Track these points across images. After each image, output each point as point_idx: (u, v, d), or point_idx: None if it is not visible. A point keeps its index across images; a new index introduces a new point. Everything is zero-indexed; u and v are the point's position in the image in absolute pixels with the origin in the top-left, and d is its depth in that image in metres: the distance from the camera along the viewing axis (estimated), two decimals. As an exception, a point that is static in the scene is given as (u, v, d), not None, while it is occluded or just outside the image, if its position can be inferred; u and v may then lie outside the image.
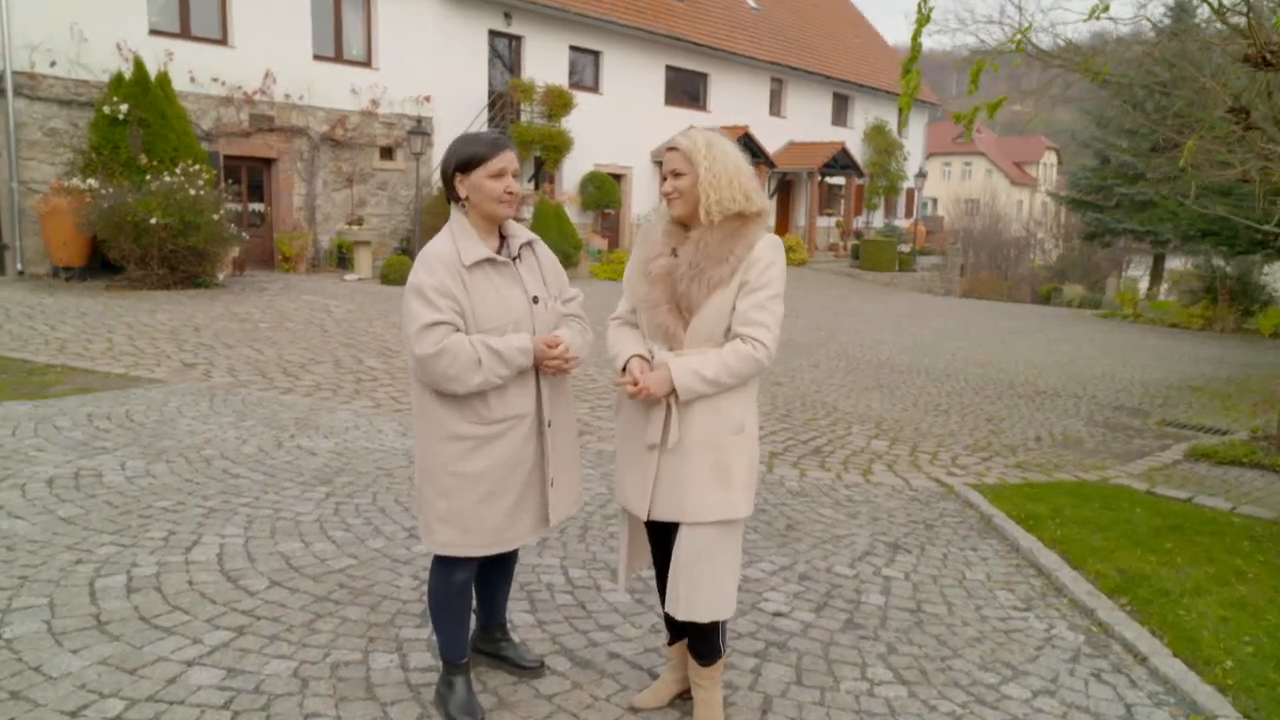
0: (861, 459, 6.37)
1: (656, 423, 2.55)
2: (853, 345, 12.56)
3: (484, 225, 2.55)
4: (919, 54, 5.76)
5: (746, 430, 2.59)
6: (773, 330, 2.51)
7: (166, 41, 13.83)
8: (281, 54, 15.23)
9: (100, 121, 12.56)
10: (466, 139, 2.53)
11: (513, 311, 2.50)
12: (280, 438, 5.69)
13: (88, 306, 10.38)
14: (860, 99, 31.15)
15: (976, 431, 7.56)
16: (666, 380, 2.48)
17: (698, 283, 2.48)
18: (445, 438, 2.48)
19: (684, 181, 2.53)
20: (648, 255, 2.62)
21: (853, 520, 4.95)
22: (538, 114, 19.38)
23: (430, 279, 2.42)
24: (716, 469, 2.54)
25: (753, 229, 2.54)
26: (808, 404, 8.17)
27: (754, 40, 26.14)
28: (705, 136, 2.55)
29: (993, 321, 18.23)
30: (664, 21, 22.59)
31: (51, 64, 12.66)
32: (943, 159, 62.27)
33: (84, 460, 4.91)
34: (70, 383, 6.99)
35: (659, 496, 2.58)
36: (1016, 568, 4.37)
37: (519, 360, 2.45)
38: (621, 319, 2.73)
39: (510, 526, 2.55)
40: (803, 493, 5.42)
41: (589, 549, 4.17)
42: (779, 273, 2.54)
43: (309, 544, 3.94)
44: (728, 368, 2.47)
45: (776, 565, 4.16)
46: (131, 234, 11.59)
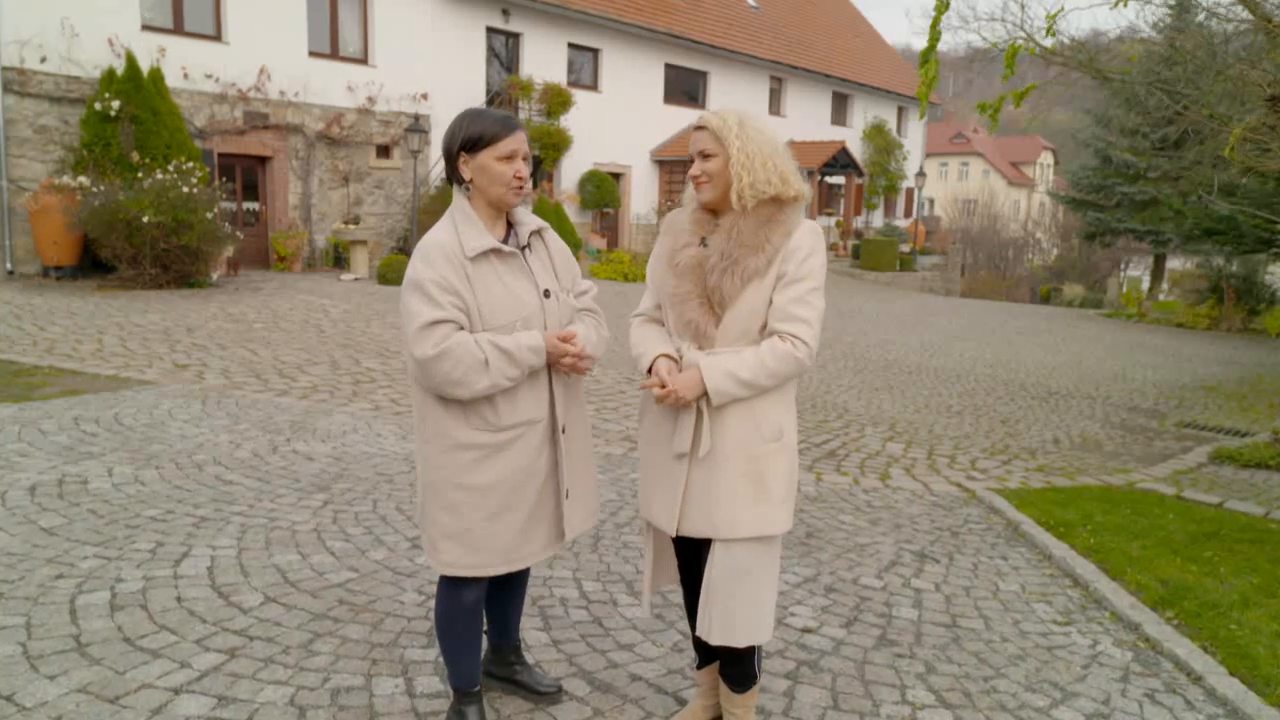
0: (878, 462, 6.16)
1: (686, 430, 2.33)
2: (859, 345, 12.35)
3: (489, 212, 2.32)
4: (938, 41, 5.56)
5: (785, 437, 2.37)
6: (814, 327, 2.29)
7: (159, 37, 13.58)
8: (276, 50, 14.98)
9: (91, 118, 12.31)
10: (474, 115, 2.30)
11: (522, 307, 2.27)
12: (275, 442, 5.46)
13: (78, 306, 10.14)
14: (859, 98, 30.97)
15: (993, 434, 7.35)
16: (697, 382, 2.25)
17: (730, 274, 2.26)
18: (450, 447, 2.26)
19: (713, 164, 2.30)
20: (675, 245, 2.39)
21: (875, 527, 4.73)
22: (536, 112, 19.15)
23: (430, 272, 2.19)
24: (753, 480, 2.32)
25: (790, 215, 2.32)
26: (818, 405, 7.95)
27: (753, 39, 25.94)
28: (737, 113, 2.33)
29: (998, 321, 18.04)
30: (663, 19, 22.37)
31: (42, 60, 12.40)
32: (940, 159, 62.16)
33: (69, 466, 4.68)
34: (58, 384, 6.75)
35: (689, 510, 2.36)
36: (1051, 578, 4.16)
37: (530, 360, 2.22)
38: (645, 316, 2.51)
39: (523, 544, 2.32)
40: (820, 498, 5.20)
41: (602, 560, 3.94)
42: (820, 263, 2.32)
43: (306, 556, 3.71)
44: (765, 368, 2.25)
45: (800, 576, 3.94)
46: (123, 233, 11.35)
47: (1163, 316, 20.16)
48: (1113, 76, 10.39)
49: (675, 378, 2.28)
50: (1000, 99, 5.14)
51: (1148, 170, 26.19)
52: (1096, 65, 9.86)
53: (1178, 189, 24.95)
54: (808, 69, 27.59)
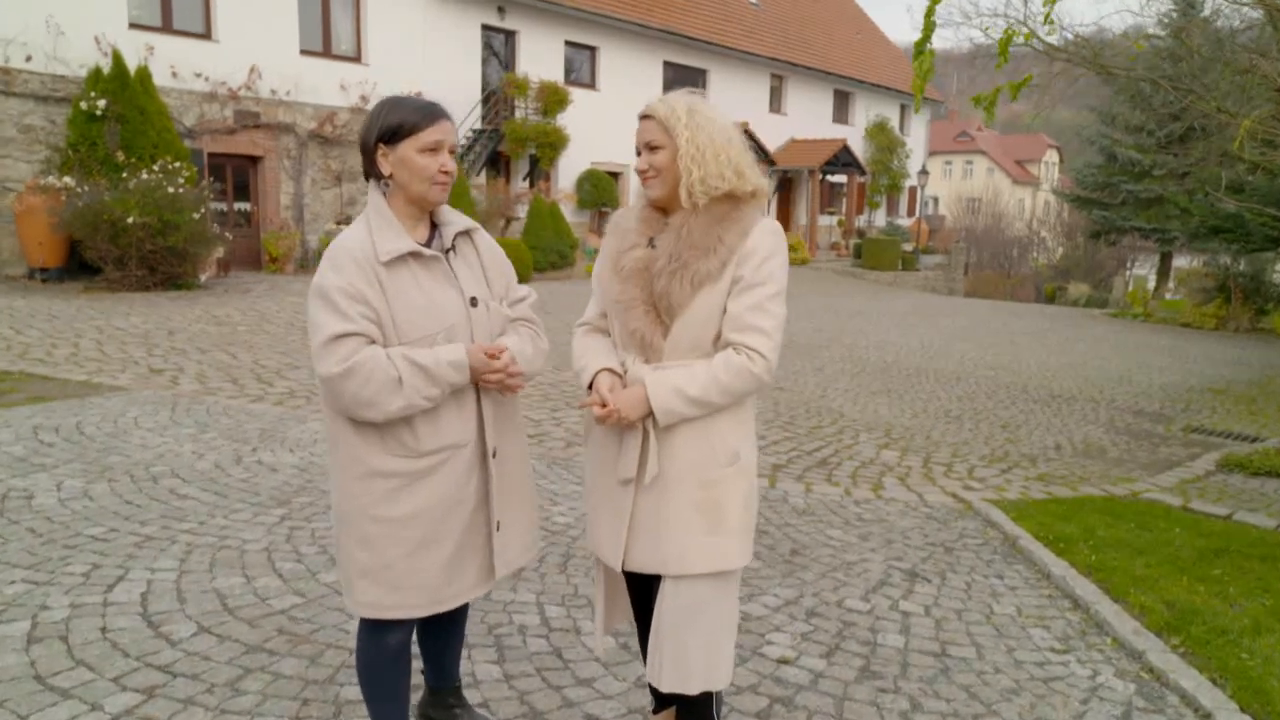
0: (871, 471, 5.91)
1: (631, 453, 2.09)
2: (858, 347, 12.09)
3: (410, 211, 2.09)
4: (933, 31, 5.30)
5: (742, 460, 2.13)
6: (773, 337, 2.04)
7: (147, 35, 13.39)
8: (267, 49, 14.78)
9: (77, 117, 12.12)
10: (394, 102, 2.06)
11: (445, 317, 2.03)
12: (240, 452, 5.23)
13: (59, 309, 9.93)
14: (861, 96, 30.70)
15: (992, 440, 7.09)
16: (641, 400, 2.02)
17: (679, 279, 2.02)
18: (364, 475, 2.02)
19: (661, 156, 2.06)
20: (620, 246, 2.16)
21: (864, 543, 4.49)
22: (532, 110, 18.93)
23: (337, 279, 1.95)
24: (705, 509, 2.08)
25: (746, 213, 2.08)
26: (812, 410, 7.70)
27: (753, 36, 25.69)
28: (686, 101, 2.09)
29: (1000, 321, 17.76)
30: (661, 16, 22.14)
31: (27, 58, 12.22)
32: (944, 157, 61.84)
33: (16, 480, 4.45)
34: (25, 391, 6.54)
35: (636, 542, 2.12)
36: (1049, 599, 3.91)
37: (450, 377, 1.98)
38: (590, 325, 2.27)
39: (450, 581, 2.08)
40: (809, 511, 4.96)
41: (570, 581, 3.70)
42: (779, 266, 2.08)
43: (251, 579, 3.48)
44: (718, 384, 2.01)
45: (781, 599, 3.70)
46: (108, 234, 11.15)
47: (1169, 316, 19.85)
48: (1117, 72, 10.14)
49: (618, 395, 2.05)
50: (995, 91, 4.89)
51: (1153, 167, 25.89)
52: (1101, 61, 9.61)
53: (1184, 186, 24.65)
54: (809, 66, 27.33)
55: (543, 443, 5.99)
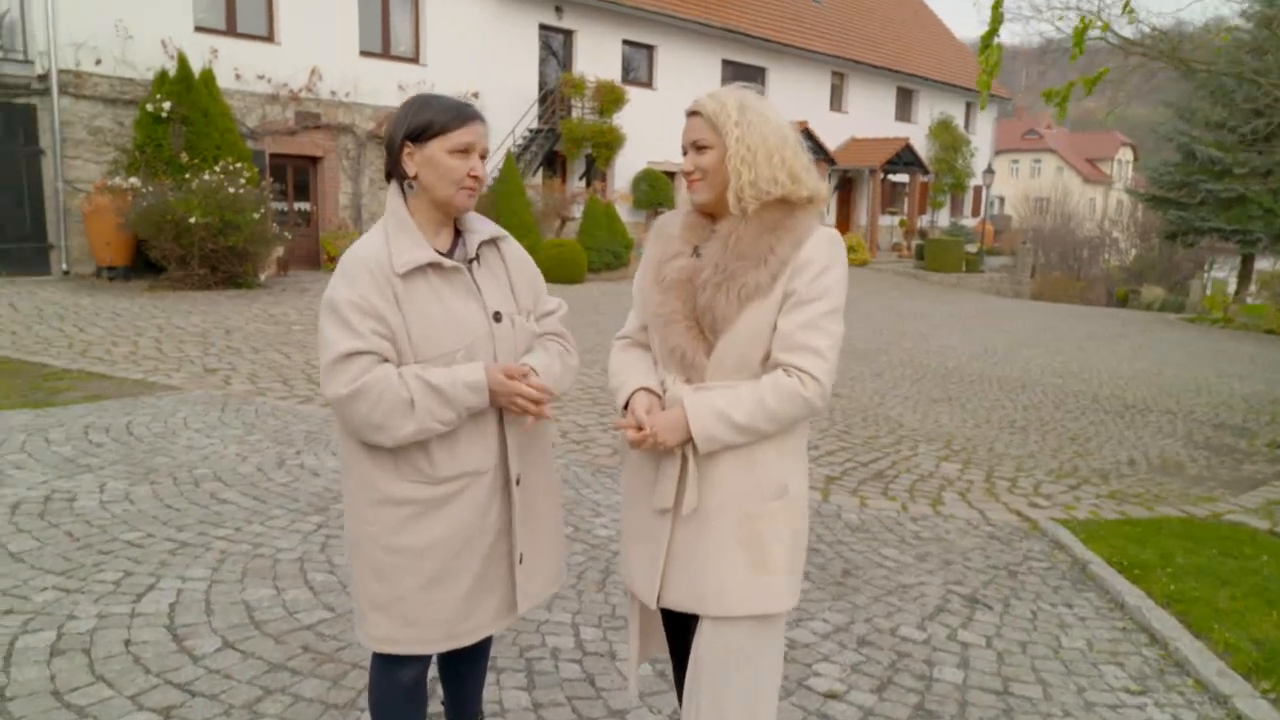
0: (930, 485, 5.64)
1: (668, 481, 1.92)
2: (918, 352, 11.72)
3: (434, 216, 1.94)
4: (1000, 24, 5.02)
5: (791, 493, 1.94)
6: (828, 359, 1.84)
7: (212, 39, 13.63)
8: (328, 50, 14.95)
9: (144, 119, 12.39)
10: (424, 100, 1.92)
11: (465, 333, 1.88)
12: (284, 455, 5.20)
13: (123, 307, 10.14)
14: (926, 93, 30.01)
15: (1060, 453, 6.74)
16: (680, 424, 1.84)
17: (725, 291, 1.84)
18: (377, 501, 1.88)
19: (709, 157, 1.89)
20: (662, 254, 1.98)
21: (921, 564, 4.25)
22: (589, 110, 18.85)
23: (349, 292, 1.81)
24: (749, 545, 1.90)
25: (801, 220, 1.89)
26: (869, 419, 7.43)
27: (815, 33, 25.27)
28: (737, 96, 1.91)
29: (1069, 326, 17.12)
30: (720, 14, 21.89)
31: (97, 62, 12.52)
32: (1011, 156, 60.27)
33: (61, 481, 4.46)
34: (83, 389, 6.63)
35: (672, 578, 1.95)
36: (1124, 632, 3.63)
37: (468, 399, 1.82)
38: (630, 338, 2.10)
39: (468, 615, 1.93)
40: (863, 527, 4.73)
41: (609, 601, 3.55)
42: (837, 279, 1.88)
43: (281, 590, 3.39)
44: (765, 409, 1.83)
45: (831, 625, 3.49)
46: (171, 233, 11.36)
47: (1250, 322, 18.91)
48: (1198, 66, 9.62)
49: (655, 418, 1.87)
50: (1069, 85, 4.59)
51: (1235, 166, 24.73)
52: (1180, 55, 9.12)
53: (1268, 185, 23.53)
54: (871, 64, 26.79)
55: (588, 449, 5.86)
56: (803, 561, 2.01)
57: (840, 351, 1.89)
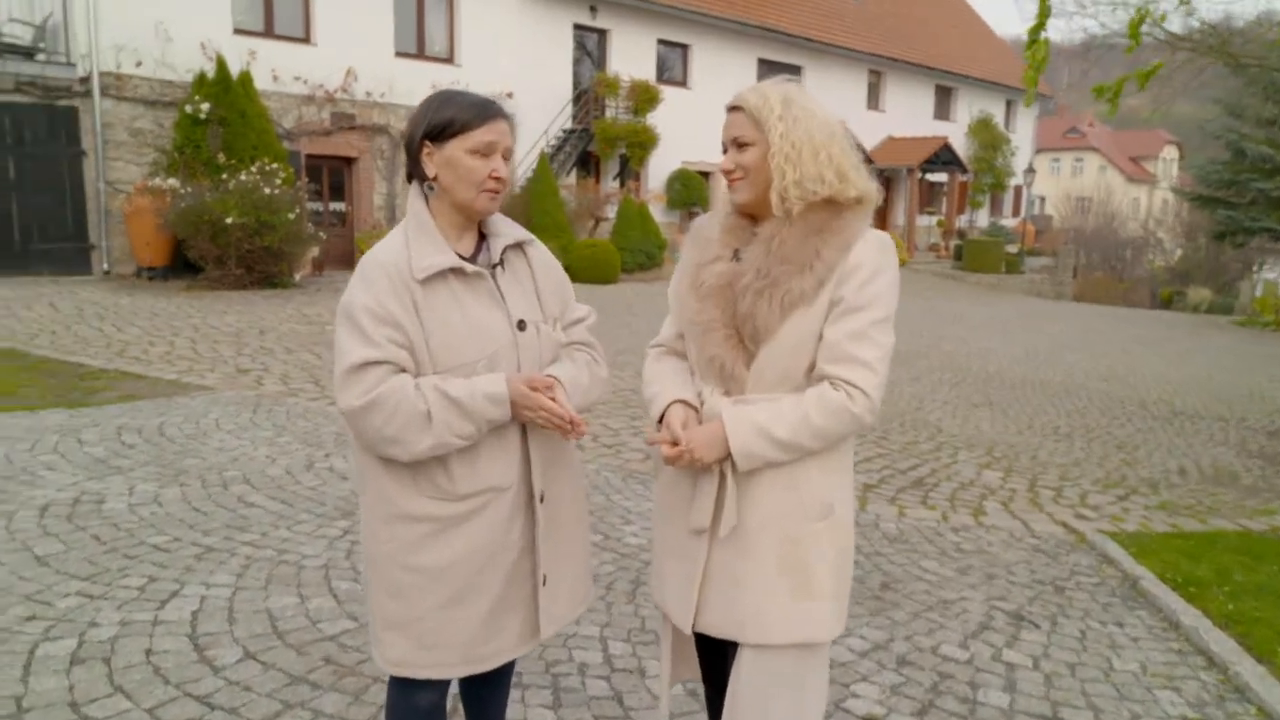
0: (971, 494, 5.46)
1: (705, 499, 1.81)
2: (957, 355, 11.48)
3: (455, 219, 1.84)
4: (1048, 18, 4.84)
5: (836, 514, 1.83)
6: (877, 372, 1.73)
7: (250, 40, 13.74)
8: (363, 51, 15.01)
9: (183, 121, 12.52)
10: (446, 96, 1.83)
11: (487, 342, 1.78)
12: (313, 457, 5.16)
13: (161, 307, 10.23)
14: (964, 91, 29.55)
15: (1107, 461, 6.52)
16: (719, 439, 1.74)
17: (767, 299, 1.73)
18: (394, 518, 1.80)
19: (750, 154, 1.78)
20: (700, 259, 1.87)
21: (963, 578, 4.09)
22: (623, 110, 18.77)
23: (365, 298, 1.73)
24: (792, 569, 1.79)
25: (849, 222, 1.77)
26: (907, 424, 7.25)
27: (851, 31, 24.97)
28: (781, 90, 1.79)
29: (1113, 328, 16.72)
30: (756, 13, 21.69)
31: (137, 64, 12.67)
32: (1051, 155, 59.25)
33: (91, 483, 4.46)
34: (118, 389, 6.67)
35: (709, 602, 1.84)
36: (1179, 655, 3.45)
37: (488, 412, 1.72)
38: (665, 347, 2.00)
39: (488, 639, 1.84)
40: (902, 538, 4.58)
41: (639, 613, 3.45)
42: (887, 286, 1.76)
43: (305, 599, 3.33)
44: (809, 425, 1.71)
45: (869, 643, 3.35)
46: (209, 234, 11.46)
47: (1303, 325, 18.35)
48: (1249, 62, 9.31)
49: (691, 432, 1.77)
50: (1120, 80, 4.41)
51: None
52: (1229, 50, 8.83)
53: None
54: (909, 61, 26.42)
55: (619, 454, 5.76)
56: (848, 586, 1.90)
57: (888, 368, 1.77)
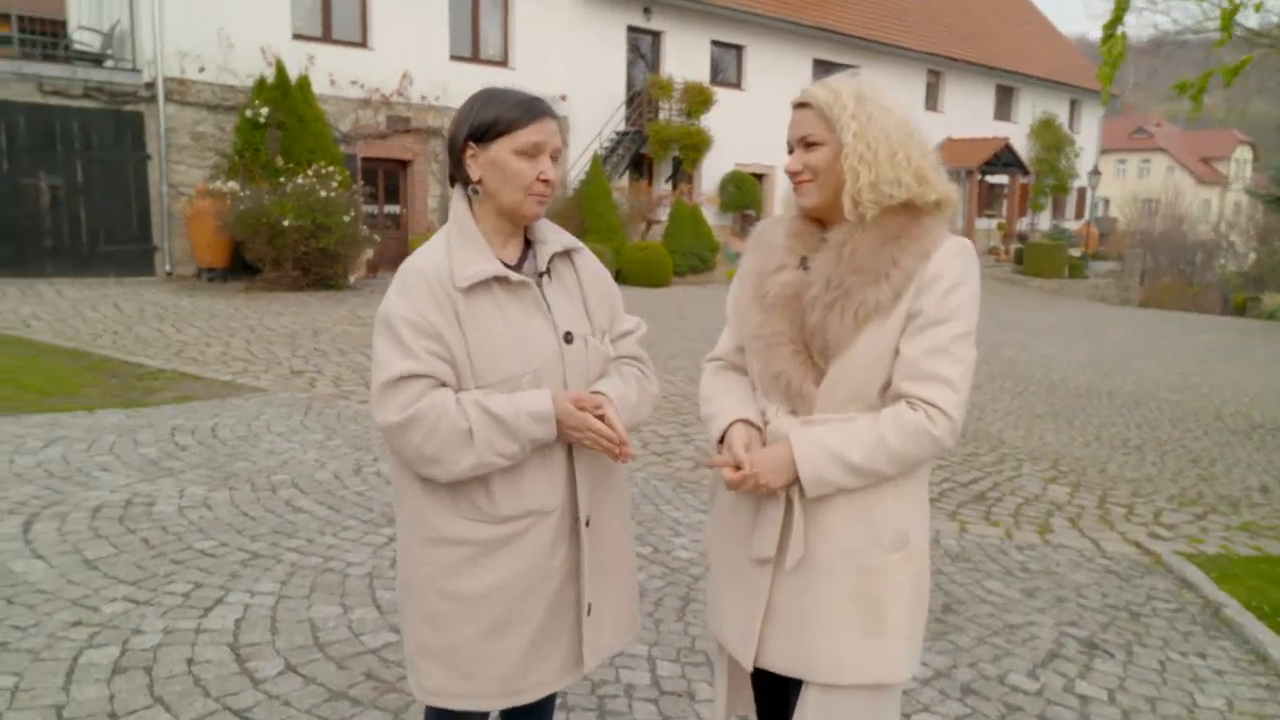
0: (1037, 510, 5.23)
1: (770, 527, 1.68)
2: (1018, 362, 11.13)
3: (501, 225, 1.74)
4: (1125, 11, 4.61)
5: (913, 544, 1.69)
6: (959, 390, 1.60)
7: (309, 45, 13.93)
8: (419, 55, 15.13)
9: (243, 125, 12.74)
10: (489, 95, 1.72)
11: (532, 355, 1.67)
12: (362, 461, 5.13)
13: (219, 308, 10.40)
14: (1027, 91, 28.82)
15: (1182, 477, 6.21)
16: (786, 463, 1.61)
17: (839, 311, 1.60)
18: (431, 540, 1.70)
19: (819, 155, 1.65)
20: (764, 267, 1.74)
21: (1030, 601, 3.89)
22: (676, 112, 18.66)
23: (404, 307, 1.63)
24: (865, 604, 1.66)
25: (928, 228, 1.64)
26: (967, 435, 7.01)
27: (909, 30, 24.52)
28: (853, 85, 1.65)
29: (1183, 335, 16.11)
30: (811, 13, 21.40)
31: (200, 70, 12.93)
32: (1117, 156, 57.60)
33: (143, 485, 4.48)
34: (174, 390, 6.75)
35: (772, 637, 1.72)
36: (1269, 691, 3.21)
37: (532, 430, 1.62)
38: (723, 361, 1.87)
39: (529, 670, 1.73)
40: (964, 556, 4.38)
41: (689, 632, 3.32)
42: (970, 298, 1.64)
43: (348, 609, 3.28)
44: (886, 448, 1.59)
45: (931, 669, 3.18)
46: (266, 236, 11.64)
47: (1389, 333, 17.48)
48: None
49: (756, 455, 1.64)
50: (1205, 76, 4.16)
51: (1371, 165, 22.98)
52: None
53: None
54: (969, 61, 25.85)
55: (670, 461, 5.64)
56: (924, 623, 1.75)
57: (970, 385, 1.63)
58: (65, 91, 12.03)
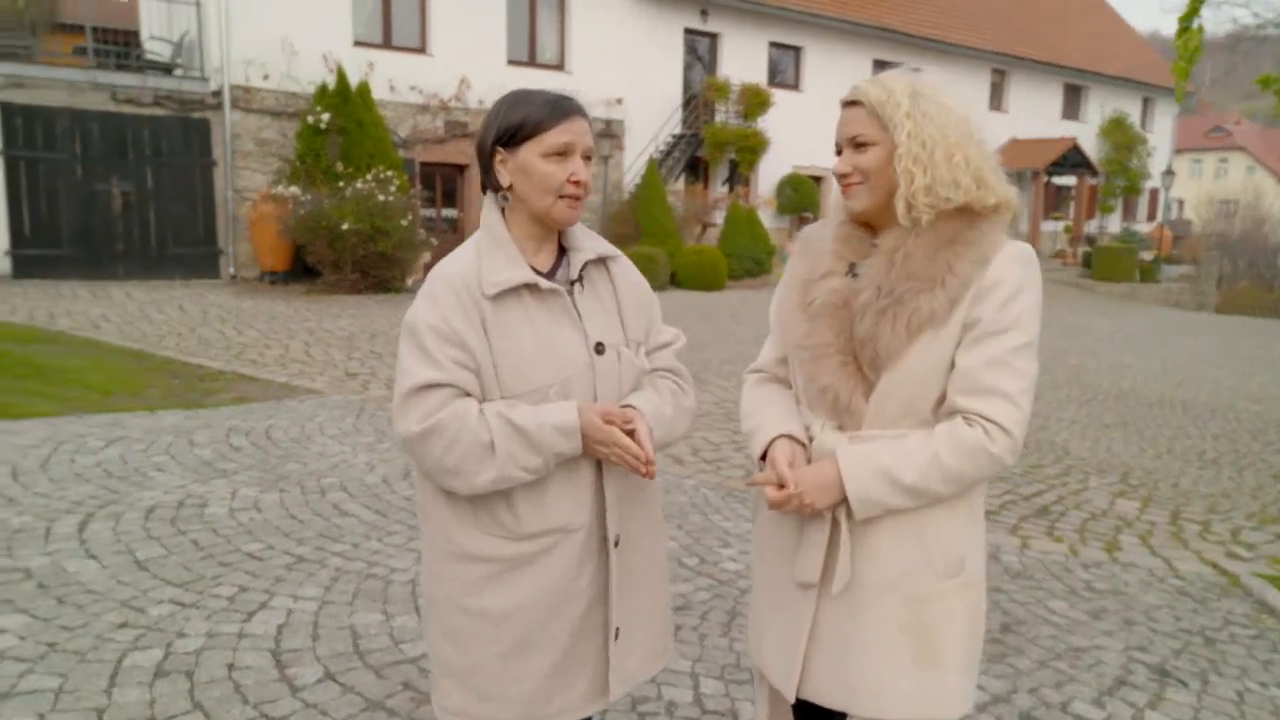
0: (1104, 526, 5.00)
1: (815, 549, 1.60)
2: (1086, 370, 10.75)
3: (533, 231, 1.67)
4: (1201, 4, 4.39)
5: (968, 570, 1.59)
6: (1020, 405, 1.50)
7: (369, 52, 14.16)
8: (476, 60, 15.26)
9: (305, 131, 12.99)
10: (515, 97, 1.66)
11: (561, 366, 1.61)
12: (410, 466, 5.13)
13: (279, 311, 10.60)
14: (1096, 89, 27.98)
15: (1262, 493, 5.89)
16: (832, 482, 1.53)
17: (890, 320, 1.51)
18: (453, 555, 1.64)
19: (870, 156, 1.56)
20: (810, 273, 1.66)
21: (1096, 623, 3.70)
22: (733, 114, 18.52)
23: (430, 315, 1.58)
24: (916, 634, 1.56)
25: (986, 232, 1.54)
26: (1031, 444, 6.76)
27: (973, 28, 23.98)
28: (908, 81, 1.56)
29: (1264, 343, 15.42)
30: (871, 12, 21.07)
31: (264, 77, 13.22)
32: (1192, 155, 55.64)
33: (197, 486, 4.54)
34: (233, 391, 6.87)
35: (816, 666, 1.63)
36: (1359, 728, 3.00)
37: (556, 444, 1.54)
38: (765, 373, 1.79)
39: (552, 696, 1.66)
40: (1025, 573, 4.20)
41: (734, 648, 3.23)
42: (1031, 307, 1.54)
43: (390, 616, 3.25)
44: (940, 467, 1.49)
45: (989, 694, 3.03)
46: (326, 240, 11.85)
47: None
48: None
49: (801, 473, 1.56)
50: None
51: None
52: None
53: None
54: (1035, 59, 25.19)
55: (720, 469, 5.54)
56: (979, 654, 1.64)
57: (1032, 401, 1.52)
58: (136, 100, 12.41)
